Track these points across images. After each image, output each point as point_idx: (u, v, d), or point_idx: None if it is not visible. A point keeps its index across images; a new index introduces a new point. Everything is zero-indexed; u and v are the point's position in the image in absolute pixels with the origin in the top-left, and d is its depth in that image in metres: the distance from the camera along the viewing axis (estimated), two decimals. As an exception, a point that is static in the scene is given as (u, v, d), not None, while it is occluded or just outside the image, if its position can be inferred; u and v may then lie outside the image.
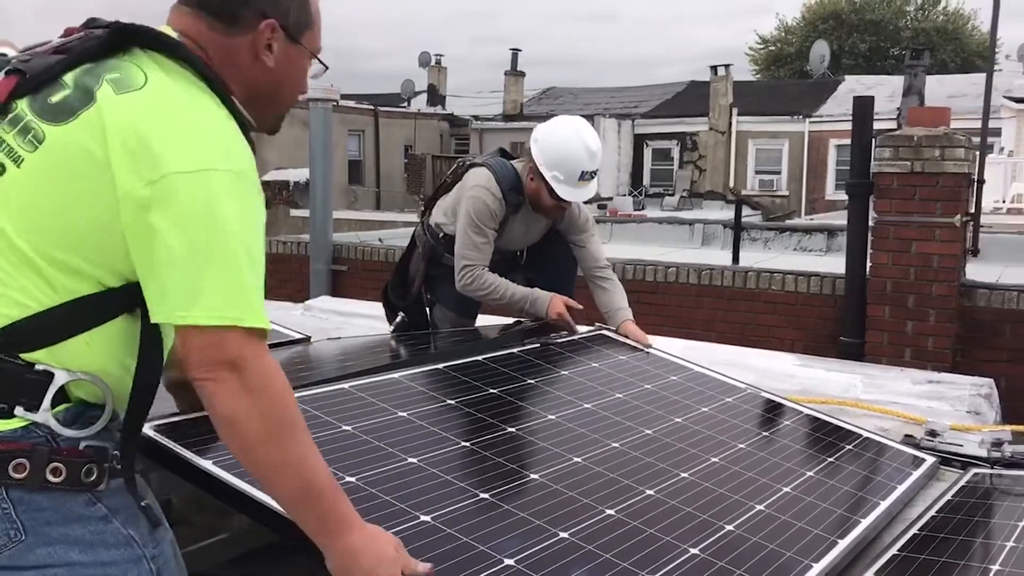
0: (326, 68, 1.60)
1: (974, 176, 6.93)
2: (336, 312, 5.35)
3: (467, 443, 2.21)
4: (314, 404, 2.17)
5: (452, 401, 2.48)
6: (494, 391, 2.60)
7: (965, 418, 3.43)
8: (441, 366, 2.74)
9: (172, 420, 1.87)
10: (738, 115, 27.46)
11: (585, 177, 3.47)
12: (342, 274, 8.85)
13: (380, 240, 10.10)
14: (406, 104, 32.30)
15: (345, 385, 2.38)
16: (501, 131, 30.35)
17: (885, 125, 15.72)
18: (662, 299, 7.37)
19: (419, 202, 18.46)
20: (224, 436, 1.34)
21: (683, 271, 7.39)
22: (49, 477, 1.28)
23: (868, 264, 6.52)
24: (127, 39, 1.39)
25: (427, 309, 3.94)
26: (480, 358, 2.90)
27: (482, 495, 1.95)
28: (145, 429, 1.65)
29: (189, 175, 1.28)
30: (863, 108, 6.74)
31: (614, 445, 2.38)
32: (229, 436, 1.32)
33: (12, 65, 1.38)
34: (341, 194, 22.81)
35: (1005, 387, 4.60)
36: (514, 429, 2.35)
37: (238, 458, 1.37)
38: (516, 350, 3.08)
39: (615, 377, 2.99)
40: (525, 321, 3.72)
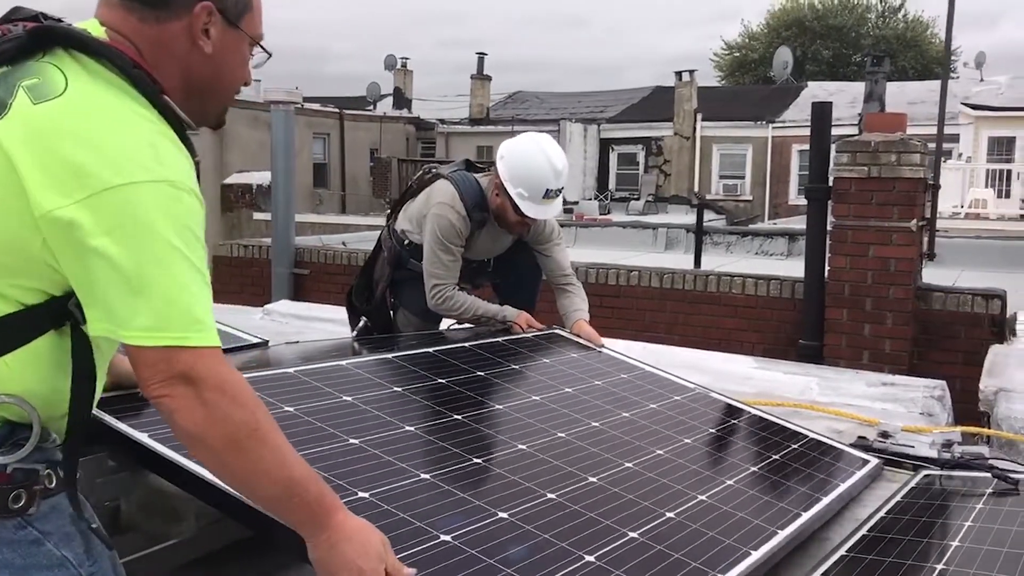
0: (269, 55, 1.53)
1: (931, 181, 7.04)
2: (296, 316, 5.31)
3: (411, 427, 2.20)
4: (256, 385, 2.15)
5: (399, 389, 2.47)
6: (442, 381, 2.60)
7: (918, 419, 3.49)
8: (390, 355, 2.74)
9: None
10: (703, 120, 27.67)
11: (550, 195, 3.48)
12: (304, 278, 8.80)
13: (343, 243, 10.05)
14: (372, 107, 32.16)
15: (290, 369, 2.37)
16: (467, 135, 30.35)
17: (847, 131, 15.92)
18: (625, 302, 7.41)
19: (385, 205, 18.41)
20: (193, 452, 1.30)
21: (645, 275, 7.44)
22: None
23: (827, 268, 6.60)
24: (48, 40, 1.31)
25: (391, 313, 3.93)
26: (431, 350, 2.91)
27: (423, 475, 1.94)
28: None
29: (119, 189, 1.21)
30: (821, 114, 6.83)
31: (560, 435, 2.39)
32: (197, 451, 1.29)
33: None
34: (306, 197, 22.68)
35: (960, 389, 4.67)
36: (460, 417, 2.35)
37: (213, 472, 1.33)
38: (468, 344, 3.08)
39: (565, 373, 3.01)
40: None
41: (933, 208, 7.71)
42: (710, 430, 2.72)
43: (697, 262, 10.02)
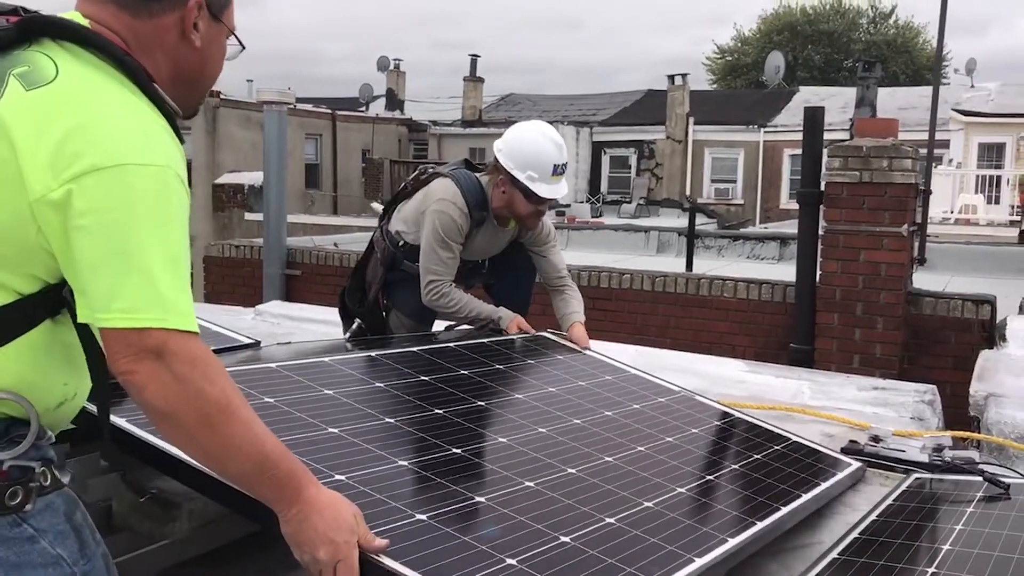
0: (243, 48, 1.56)
1: (922, 186, 7.07)
2: (288, 317, 5.30)
3: (391, 419, 2.21)
4: (237, 379, 2.16)
5: (381, 384, 2.48)
6: (425, 378, 2.60)
7: (909, 424, 3.50)
8: (374, 353, 2.74)
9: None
10: (695, 124, 27.73)
11: (558, 171, 3.51)
12: (295, 279, 8.79)
13: (335, 244, 10.04)
14: (364, 108, 32.14)
15: (272, 365, 2.37)
16: (460, 136, 30.35)
17: (838, 136, 15.99)
18: (617, 305, 7.42)
19: (378, 206, 18.41)
20: (162, 430, 1.29)
21: (637, 278, 7.45)
22: None
23: (818, 272, 6.62)
24: (35, 30, 1.32)
25: (384, 315, 3.93)
26: (415, 349, 2.92)
27: (401, 462, 1.96)
28: None
29: (105, 171, 1.22)
30: (814, 118, 6.86)
31: (541, 430, 2.40)
32: (167, 429, 1.28)
33: None
34: (298, 198, 22.63)
35: (950, 393, 4.70)
36: (441, 411, 2.36)
37: (183, 450, 1.33)
38: (453, 344, 3.09)
39: (550, 373, 3.02)
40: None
41: (924, 213, 7.75)
42: (692, 430, 2.73)
43: (689, 265, 10.04)
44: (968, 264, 10.02)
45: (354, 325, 3.92)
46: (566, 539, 1.78)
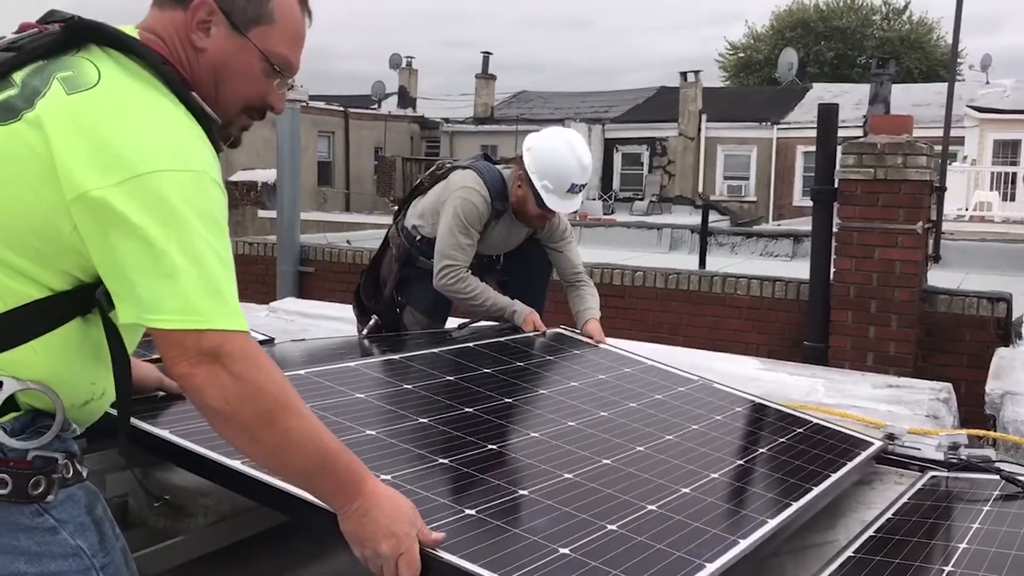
0: (290, 81, 1.51)
1: (936, 183, 7.04)
2: (301, 314, 5.31)
3: (425, 419, 2.24)
4: None
5: (409, 386, 2.51)
6: (451, 378, 2.64)
7: (924, 422, 3.48)
8: (397, 356, 2.77)
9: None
10: (707, 121, 27.67)
11: (574, 190, 3.51)
12: (309, 276, 8.82)
13: (348, 242, 10.07)
14: (377, 106, 32.20)
15: (302, 372, 2.41)
16: (472, 134, 30.37)
17: (852, 133, 15.91)
18: (629, 303, 7.41)
19: (390, 204, 18.42)
20: (221, 430, 1.30)
21: (650, 275, 7.44)
22: None
23: (832, 269, 6.60)
24: (83, 36, 1.35)
25: (398, 311, 3.93)
26: (437, 350, 2.95)
27: (442, 460, 1.99)
28: None
29: (148, 176, 1.24)
30: (828, 115, 6.83)
31: (570, 423, 2.42)
32: (226, 428, 1.29)
33: None
34: (311, 196, 22.70)
35: (964, 392, 4.67)
36: (472, 409, 2.38)
37: (242, 450, 1.33)
38: (472, 344, 3.11)
39: (571, 368, 3.05)
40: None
41: (939, 210, 7.70)
42: (716, 417, 2.76)
43: (702, 263, 10.02)
44: (983, 261, 9.96)
45: (371, 322, 3.93)
46: (613, 527, 1.80)
